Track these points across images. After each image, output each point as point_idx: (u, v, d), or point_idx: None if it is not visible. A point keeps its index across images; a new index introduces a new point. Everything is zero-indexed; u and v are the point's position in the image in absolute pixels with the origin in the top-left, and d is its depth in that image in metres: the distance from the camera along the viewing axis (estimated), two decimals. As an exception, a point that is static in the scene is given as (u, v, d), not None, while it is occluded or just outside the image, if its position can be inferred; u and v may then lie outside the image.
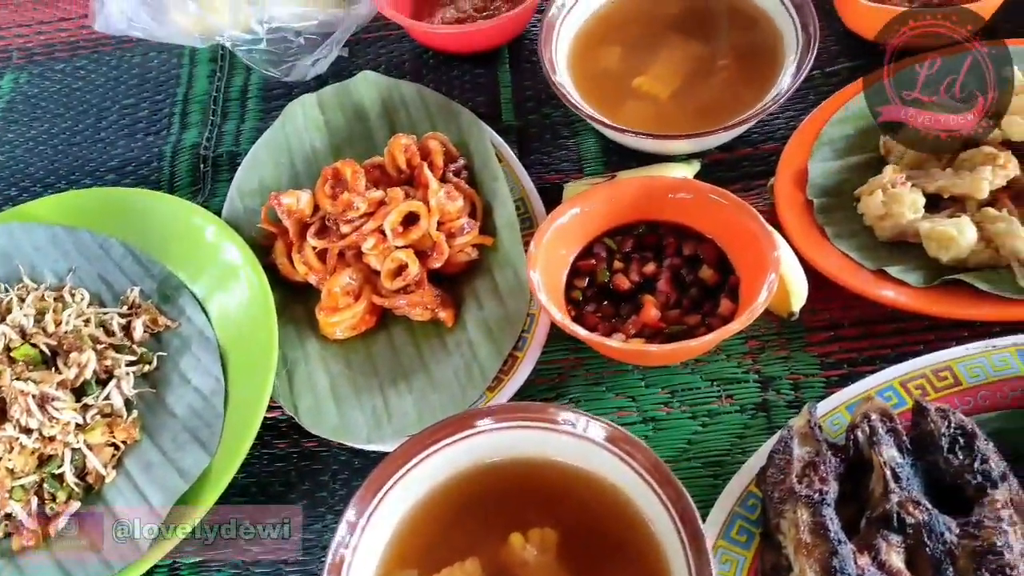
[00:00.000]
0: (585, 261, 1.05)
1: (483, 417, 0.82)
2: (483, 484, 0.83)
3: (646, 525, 0.80)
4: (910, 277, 1.00)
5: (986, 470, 0.84)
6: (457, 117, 1.19)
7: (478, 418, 0.82)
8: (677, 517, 0.78)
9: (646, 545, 0.80)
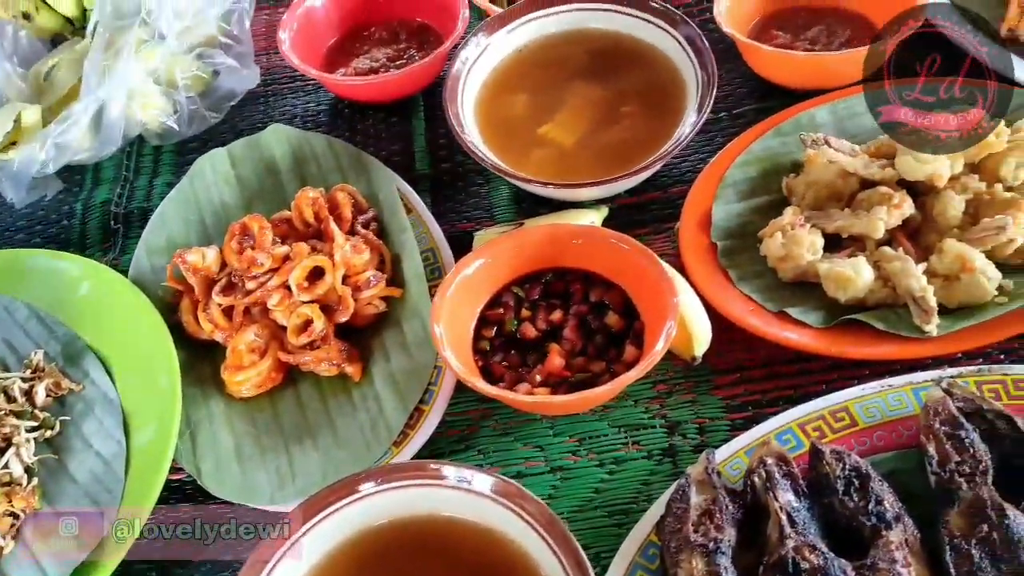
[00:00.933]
0: (493, 310, 1.05)
1: (365, 482, 0.81)
2: (375, 547, 0.83)
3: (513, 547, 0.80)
4: (810, 318, 1.01)
5: (880, 511, 0.84)
6: (368, 168, 1.19)
7: (360, 483, 0.81)
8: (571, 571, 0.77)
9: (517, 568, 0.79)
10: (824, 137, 1.09)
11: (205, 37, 1.39)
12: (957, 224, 1.04)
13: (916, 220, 1.06)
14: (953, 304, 0.99)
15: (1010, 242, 1.00)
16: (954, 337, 0.97)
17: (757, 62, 1.25)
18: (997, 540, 0.80)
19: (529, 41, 1.25)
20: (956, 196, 1.04)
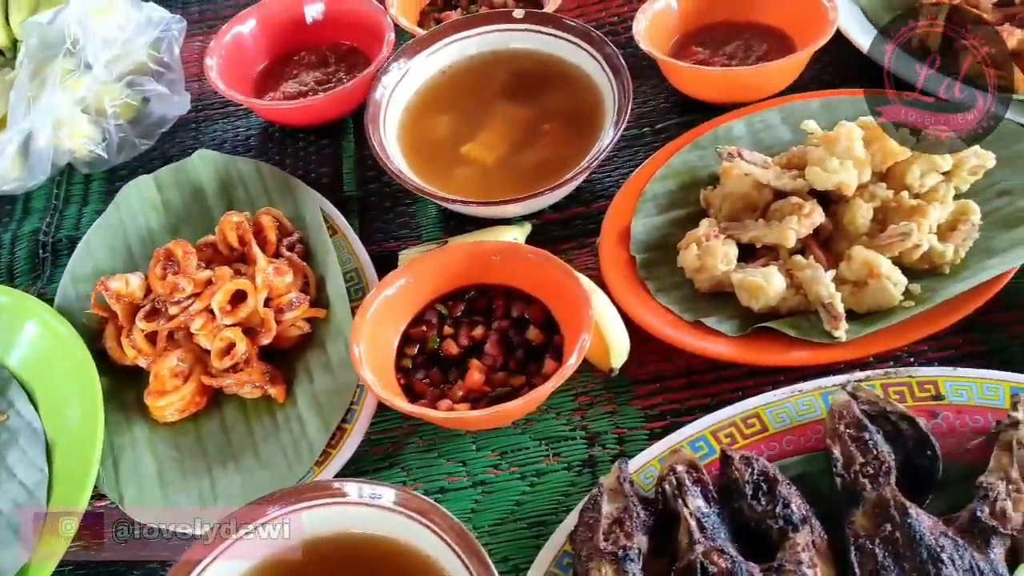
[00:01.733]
0: (416, 329, 1.06)
1: (271, 505, 0.82)
2: (287, 570, 0.83)
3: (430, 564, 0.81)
4: (725, 327, 1.03)
5: (787, 514, 0.86)
6: (294, 191, 1.21)
7: (267, 507, 0.82)
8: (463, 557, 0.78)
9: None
10: (737, 150, 1.11)
11: (135, 64, 1.40)
12: (866, 231, 1.06)
13: (828, 229, 1.09)
14: (862, 309, 1.02)
15: (916, 247, 1.03)
16: (863, 341, 1.00)
17: (676, 78, 1.28)
18: (900, 539, 0.82)
19: (452, 63, 1.27)
20: (864, 204, 1.06)
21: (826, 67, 1.30)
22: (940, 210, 1.05)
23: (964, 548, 0.82)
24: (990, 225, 1.07)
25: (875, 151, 1.08)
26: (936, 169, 1.07)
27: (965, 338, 1.02)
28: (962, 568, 0.80)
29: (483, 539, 0.94)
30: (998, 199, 1.09)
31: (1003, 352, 1.01)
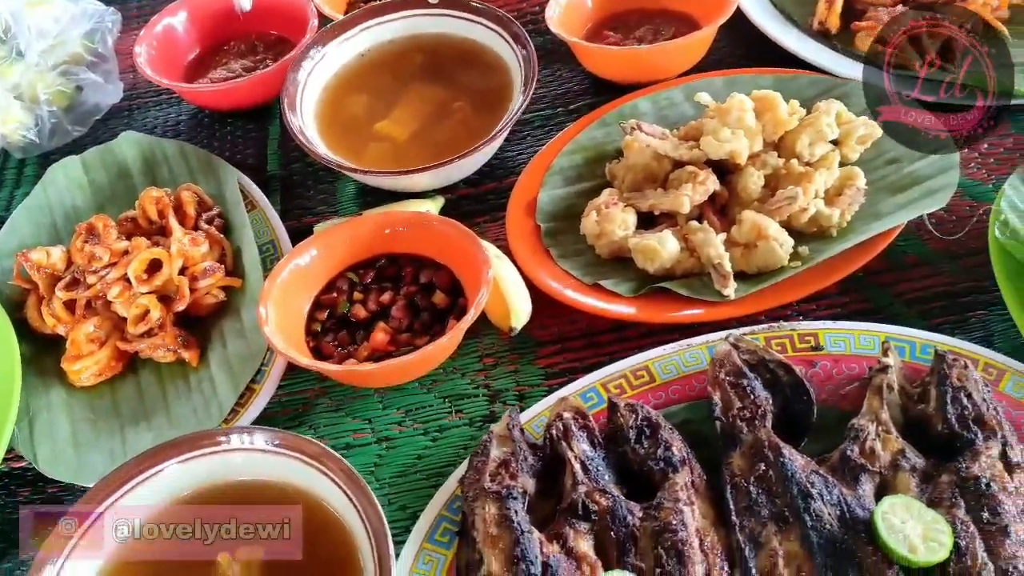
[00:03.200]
0: (328, 295, 1.10)
1: (154, 458, 0.86)
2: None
3: (341, 527, 0.84)
4: (622, 288, 1.08)
5: (668, 456, 0.90)
6: (216, 169, 1.25)
7: (149, 460, 0.86)
8: (366, 518, 0.81)
9: (343, 546, 0.83)
10: (638, 123, 1.17)
11: (70, 55, 1.44)
12: (758, 197, 1.11)
13: (724, 196, 1.14)
14: (752, 270, 1.07)
15: (804, 211, 1.08)
16: (751, 299, 1.05)
17: (587, 60, 1.33)
18: (773, 477, 0.87)
19: (371, 47, 1.32)
20: (756, 172, 1.11)
21: (732, 49, 1.36)
22: (826, 176, 1.10)
23: (834, 485, 0.86)
24: (878, 191, 1.12)
25: (766, 122, 1.13)
26: (824, 138, 1.12)
27: (852, 297, 1.07)
28: (830, 503, 0.85)
29: (383, 489, 0.98)
30: (887, 167, 1.14)
31: (887, 310, 1.05)
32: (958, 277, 1.07)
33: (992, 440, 0.87)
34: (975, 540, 0.80)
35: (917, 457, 0.88)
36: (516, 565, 0.82)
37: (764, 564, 0.83)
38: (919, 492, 0.85)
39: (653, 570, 0.83)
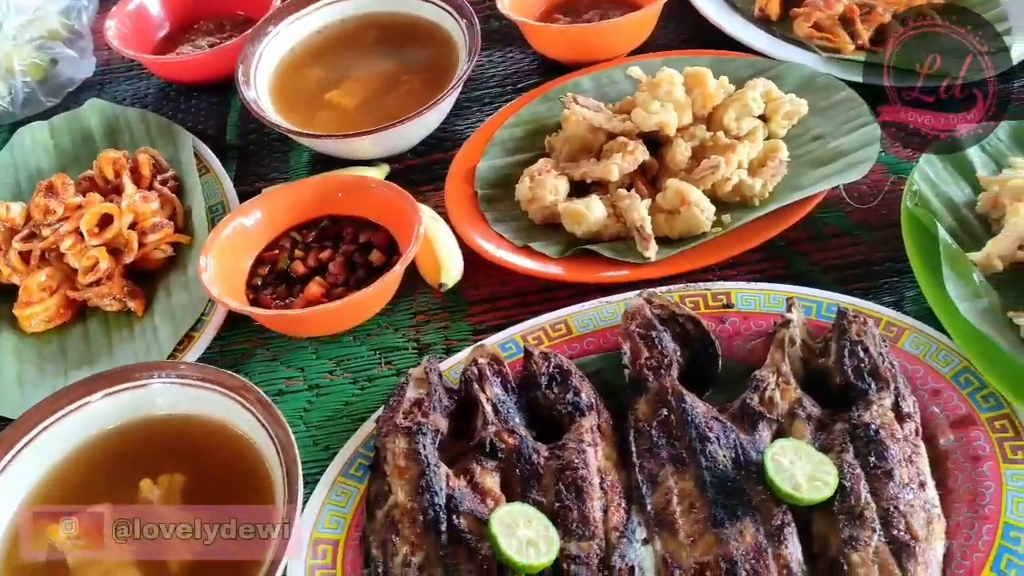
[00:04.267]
0: (270, 252, 1.15)
1: (73, 394, 0.91)
2: (103, 451, 0.92)
3: (255, 452, 0.89)
4: (550, 250, 1.13)
5: (576, 401, 0.94)
6: (175, 136, 1.30)
7: (69, 396, 0.91)
8: (278, 443, 0.86)
9: (256, 470, 0.88)
10: (574, 96, 1.21)
11: (47, 31, 1.51)
12: (685, 167, 1.16)
13: (654, 167, 1.19)
14: (675, 235, 1.11)
15: (727, 180, 1.12)
16: (671, 261, 1.09)
17: (535, 39, 1.39)
18: (674, 422, 0.91)
19: (326, 24, 1.39)
20: (684, 143, 1.16)
21: (677, 35, 1.41)
22: (750, 148, 1.15)
23: (732, 430, 0.90)
24: (801, 165, 1.16)
25: (695, 96, 1.18)
26: (750, 113, 1.17)
27: (772, 264, 1.12)
28: (726, 446, 0.89)
29: (310, 432, 1.02)
30: (812, 143, 1.19)
31: (804, 276, 1.09)
32: (874, 247, 1.11)
33: (885, 391, 0.90)
34: (860, 481, 0.84)
35: (814, 407, 0.92)
36: (421, 495, 0.86)
37: (659, 501, 0.87)
38: (813, 439, 0.89)
39: (553, 504, 0.87)
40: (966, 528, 0.83)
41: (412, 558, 0.84)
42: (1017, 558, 0.80)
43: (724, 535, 0.82)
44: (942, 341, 0.95)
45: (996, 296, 0.98)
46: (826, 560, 0.82)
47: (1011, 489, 0.84)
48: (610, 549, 0.84)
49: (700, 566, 0.82)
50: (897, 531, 0.81)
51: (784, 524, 0.83)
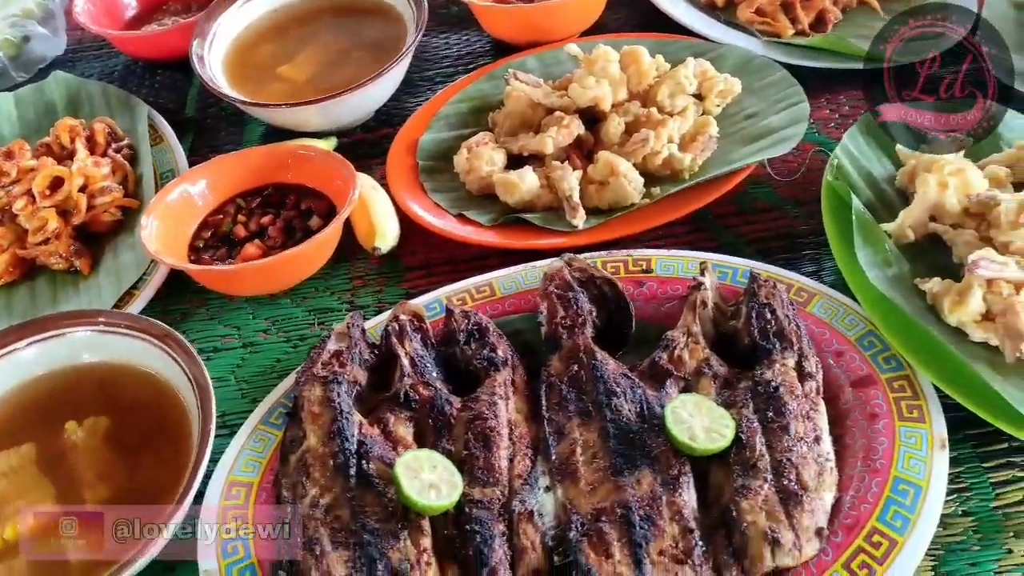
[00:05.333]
0: (215, 217, 1.19)
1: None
2: (37, 391, 0.96)
3: (176, 396, 0.92)
4: (483, 218, 1.16)
5: (492, 357, 0.97)
6: (132, 107, 1.35)
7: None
8: (195, 385, 0.90)
9: (175, 413, 0.92)
10: (515, 72, 1.25)
11: (23, 10, 1.57)
12: (618, 142, 1.19)
13: (589, 142, 1.22)
14: (604, 205, 1.14)
15: (656, 154, 1.16)
16: (599, 230, 1.12)
17: (485, 20, 1.43)
18: (584, 377, 0.94)
19: (284, 2, 1.42)
20: (618, 118, 1.19)
21: (627, 20, 1.45)
22: (680, 123, 1.18)
23: (639, 387, 0.93)
24: (733, 142, 1.20)
25: (631, 73, 1.22)
26: (683, 90, 1.20)
27: (699, 236, 1.15)
28: (632, 400, 0.91)
29: (239, 386, 1.06)
30: (745, 121, 1.22)
31: (730, 247, 1.12)
32: (800, 221, 1.14)
33: (789, 351, 0.93)
34: (756, 434, 0.87)
35: (721, 366, 0.95)
36: (332, 440, 0.89)
37: (564, 451, 0.89)
38: (718, 395, 0.92)
39: (461, 452, 0.90)
40: (858, 481, 0.85)
41: (320, 499, 0.87)
42: (904, 509, 0.82)
43: (622, 483, 0.85)
44: (850, 306, 0.98)
45: (906, 265, 1.01)
46: (719, 507, 0.84)
47: (903, 445, 0.86)
48: (512, 495, 0.87)
49: (596, 511, 0.84)
50: (788, 481, 0.83)
51: (680, 473, 0.85)
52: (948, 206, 1.00)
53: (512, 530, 0.85)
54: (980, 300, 0.92)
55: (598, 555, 0.82)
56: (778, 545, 0.80)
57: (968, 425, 0.90)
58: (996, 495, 0.88)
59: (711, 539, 0.82)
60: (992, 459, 0.90)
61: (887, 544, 0.80)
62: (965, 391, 0.89)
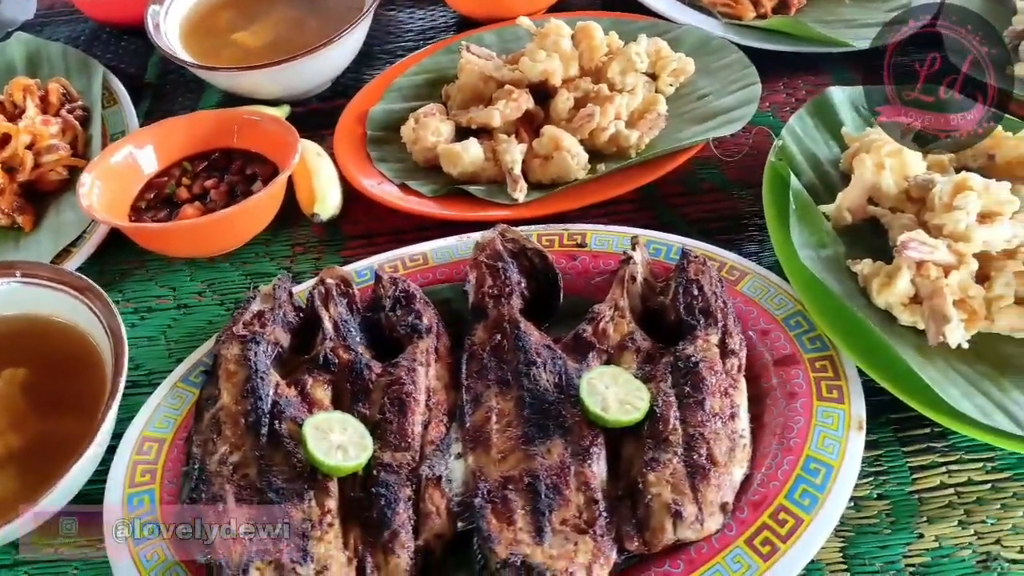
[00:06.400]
0: (160, 179, 1.19)
1: None
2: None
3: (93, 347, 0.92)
4: (426, 189, 1.15)
5: (416, 324, 0.96)
6: (89, 69, 1.35)
7: None
8: (110, 333, 0.89)
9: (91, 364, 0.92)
10: (468, 45, 1.24)
11: (-6, -27, 1.56)
12: (567, 117, 1.18)
13: (539, 117, 1.21)
14: (547, 179, 1.13)
15: (603, 130, 1.15)
16: (540, 203, 1.11)
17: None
18: (506, 347, 0.93)
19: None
20: (568, 94, 1.18)
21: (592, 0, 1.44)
22: (629, 100, 1.17)
23: (561, 358, 0.92)
24: (684, 122, 1.18)
25: (583, 49, 1.20)
26: (633, 67, 1.19)
27: (643, 214, 1.14)
28: (551, 371, 0.91)
29: (168, 346, 1.06)
30: (697, 101, 1.21)
31: (671, 226, 1.11)
32: (746, 202, 1.13)
33: (713, 328, 0.92)
34: (671, 408, 0.85)
35: (645, 340, 0.94)
36: (246, 398, 0.89)
37: (479, 419, 0.88)
38: (639, 369, 0.91)
39: (376, 416, 0.89)
40: (771, 459, 0.84)
41: (230, 457, 0.86)
42: (813, 488, 0.81)
43: (532, 452, 0.84)
44: (781, 286, 0.96)
45: (842, 247, 0.99)
46: (627, 479, 0.83)
47: (819, 424, 0.85)
48: (423, 461, 0.86)
49: (504, 479, 0.83)
50: (698, 456, 0.82)
51: (592, 444, 0.84)
52: (885, 188, 0.99)
53: (419, 495, 0.84)
54: (908, 282, 0.91)
55: (500, 522, 0.81)
56: (680, 518, 0.79)
57: (891, 408, 0.89)
58: (913, 479, 0.86)
59: (617, 510, 0.81)
60: (912, 444, 0.89)
61: (792, 522, 0.79)
62: (888, 374, 0.87)
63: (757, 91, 1.16)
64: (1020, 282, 0.90)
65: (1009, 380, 0.88)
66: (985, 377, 0.88)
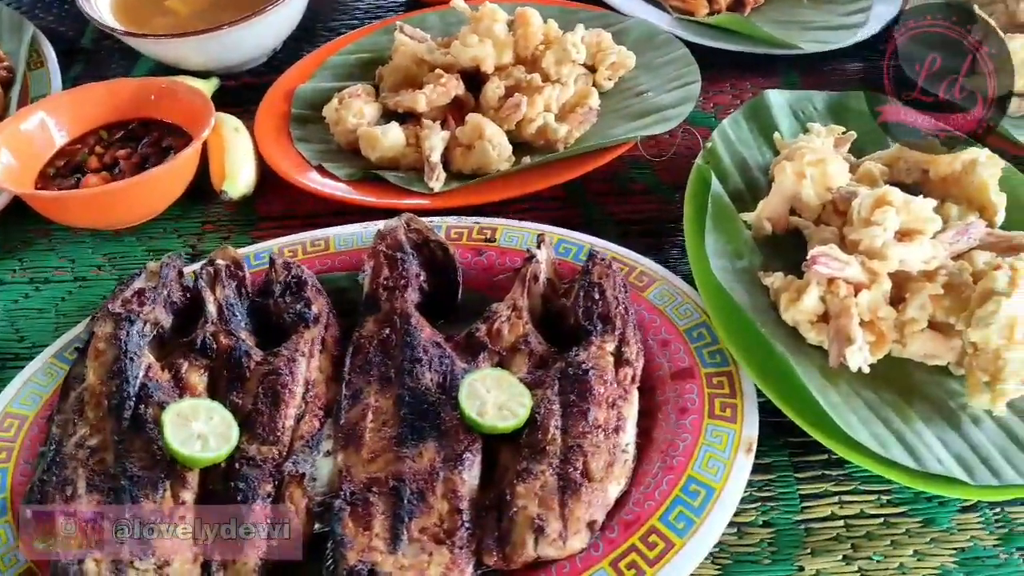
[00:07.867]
0: (73, 146, 1.15)
1: None
2: None
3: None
4: (343, 172, 1.11)
5: (304, 312, 0.92)
6: (21, 30, 1.31)
7: None
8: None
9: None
10: (402, 25, 1.19)
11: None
12: (496, 106, 1.13)
13: (470, 104, 1.16)
14: (468, 169, 1.09)
15: (530, 121, 1.10)
16: (457, 194, 1.07)
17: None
18: (394, 342, 0.88)
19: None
20: (498, 81, 1.14)
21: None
22: (559, 91, 1.12)
23: (448, 356, 0.88)
24: (620, 117, 1.14)
25: (519, 36, 1.15)
26: (568, 58, 1.14)
27: (569, 212, 1.10)
28: (436, 370, 0.86)
29: (56, 320, 1.02)
30: (635, 98, 1.16)
31: (595, 224, 1.07)
32: (675, 205, 1.08)
33: (609, 335, 0.87)
34: (553, 417, 0.81)
35: (540, 343, 0.89)
36: (112, 380, 0.85)
37: (354, 416, 0.84)
38: (529, 374, 0.86)
39: (248, 407, 0.85)
40: (651, 477, 0.80)
41: (88, 440, 0.82)
42: (690, 511, 0.76)
43: (403, 454, 0.80)
44: (689, 295, 0.92)
45: (759, 257, 0.94)
46: (498, 489, 0.79)
47: (706, 444, 0.80)
48: (290, 456, 0.82)
49: (370, 481, 0.79)
50: (572, 469, 0.78)
51: (467, 450, 0.80)
52: (805, 198, 0.93)
53: (279, 492, 0.80)
54: (817, 299, 0.85)
55: (357, 526, 0.76)
56: (542, 534, 0.74)
57: (789, 432, 0.84)
58: (802, 508, 0.81)
59: (482, 522, 0.77)
60: (806, 470, 0.84)
61: (663, 545, 0.74)
62: (787, 395, 0.82)
63: (696, 90, 1.11)
64: (936, 306, 0.84)
65: (915, 410, 0.83)
66: (889, 405, 0.83)
